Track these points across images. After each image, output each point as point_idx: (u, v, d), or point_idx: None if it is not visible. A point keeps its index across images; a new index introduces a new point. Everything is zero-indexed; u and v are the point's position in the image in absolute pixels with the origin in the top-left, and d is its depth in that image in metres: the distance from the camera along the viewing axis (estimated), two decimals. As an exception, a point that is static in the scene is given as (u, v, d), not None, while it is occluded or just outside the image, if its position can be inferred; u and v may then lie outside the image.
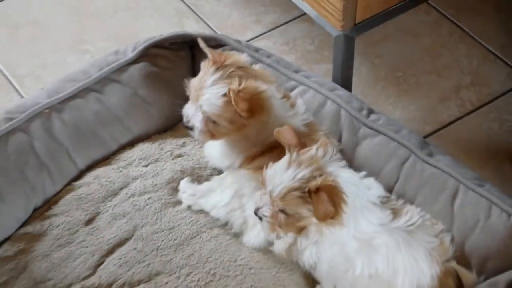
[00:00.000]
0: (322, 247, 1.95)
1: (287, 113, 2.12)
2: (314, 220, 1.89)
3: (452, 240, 2.03)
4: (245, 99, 1.99)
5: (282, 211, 1.90)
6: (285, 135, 1.94)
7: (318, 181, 1.83)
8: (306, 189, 1.84)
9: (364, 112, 2.25)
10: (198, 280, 2.02)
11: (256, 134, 2.10)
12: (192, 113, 2.12)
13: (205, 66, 2.09)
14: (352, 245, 1.93)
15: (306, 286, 2.05)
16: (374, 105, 2.29)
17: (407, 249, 1.93)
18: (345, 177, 1.90)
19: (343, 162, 1.96)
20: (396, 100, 2.92)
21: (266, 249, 2.09)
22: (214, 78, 2.05)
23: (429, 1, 3.20)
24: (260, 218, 1.95)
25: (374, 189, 2.00)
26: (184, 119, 2.14)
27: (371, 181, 2.03)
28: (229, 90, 2.00)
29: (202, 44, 2.12)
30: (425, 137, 2.70)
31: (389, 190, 2.15)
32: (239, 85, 2.00)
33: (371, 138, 2.21)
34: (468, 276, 1.98)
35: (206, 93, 2.05)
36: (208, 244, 2.09)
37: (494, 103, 2.90)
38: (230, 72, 2.05)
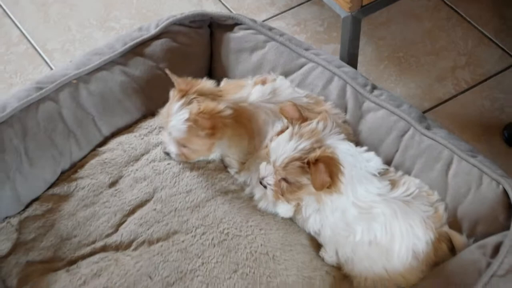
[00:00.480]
0: (324, 214, 1.94)
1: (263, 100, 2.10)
2: (313, 189, 1.87)
3: (446, 208, 2.02)
4: (206, 119, 1.98)
5: (284, 179, 1.88)
6: (288, 110, 1.93)
7: (317, 153, 1.81)
8: (306, 160, 1.82)
9: (368, 87, 2.23)
10: (212, 239, 2.00)
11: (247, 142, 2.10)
12: (166, 140, 2.12)
13: (173, 95, 2.08)
14: (352, 212, 1.91)
15: (311, 247, 2.04)
16: (377, 82, 2.28)
17: (404, 217, 1.92)
18: (343, 149, 1.88)
19: (342, 135, 1.93)
20: (397, 78, 2.92)
21: (275, 213, 2.08)
22: (179, 105, 2.03)
23: (429, -13, 3.19)
24: (265, 187, 1.94)
25: (373, 161, 1.98)
26: (162, 146, 2.16)
27: (371, 154, 2.00)
28: (189, 113, 1.99)
29: (169, 73, 2.10)
30: (423, 112, 2.65)
31: (390, 159, 2.14)
32: (198, 108, 1.99)
33: (374, 111, 2.19)
34: (459, 239, 1.97)
35: (172, 119, 2.04)
36: (222, 206, 2.08)
37: (487, 83, 2.90)
38: (193, 99, 2.03)
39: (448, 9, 3.14)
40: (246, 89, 2.11)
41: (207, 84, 2.10)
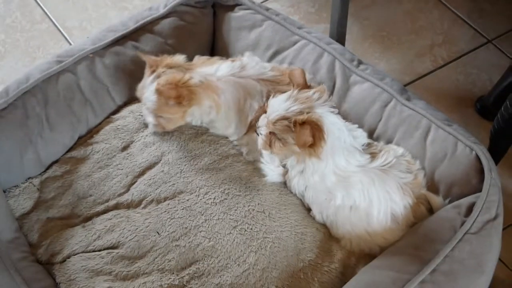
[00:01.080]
0: (306, 175, 1.92)
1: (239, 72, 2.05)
2: (295, 148, 1.86)
3: (425, 175, 1.98)
4: (171, 89, 1.94)
5: (273, 133, 1.86)
6: (295, 75, 1.91)
7: (305, 117, 1.80)
8: (292, 120, 1.81)
9: (355, 63, 2.19)
10: (214, 198, 1.98)
11: (226, 110, 2.05)
12: (144, 112, 2.09)
13: (146, 71, 2.04)
14: (330, 178, 1.88)
15: (302, 206, 2.01)
16: (362, 58, 2.25)
17: (381, 184, 1.88)
18: (330, 120, 1.85)
19: (335, 110, 1.89)
20: (381, 55, 2.89)
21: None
22: (150, 79, 2.00)
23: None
24: (258, 134, 1.92)
25: (359, 138, 1.95)
26: (142, 118, 2.12)
27: (359, 131, 1.97)
28: (157, 85, 1.96)
29: (139, 54, 2.07)
30: (404, 85, 2.62)
31: (374, 128, 2.11)
32: (165, 80, 1.96)
33: (360, 84, 2.15)
34: (436, 200, 1.95)
35: (145, 92, 2.01)
36: (224, 169, 2.05)
37: (461, 59, 2.88)
38: (162, 72, 2.00)
39: (426, -8, 3.11)
40: (215, 65, 2.06)
41: (177, 59, 2.06)
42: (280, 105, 1.85)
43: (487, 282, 1.83)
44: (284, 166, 2.00)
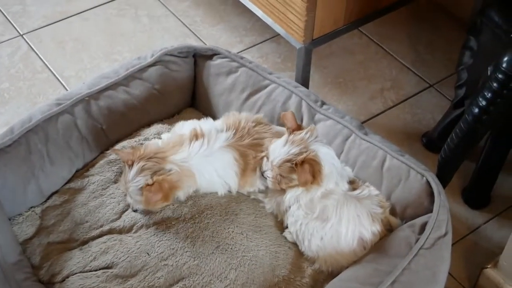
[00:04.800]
0: (301, 195, 1.89)
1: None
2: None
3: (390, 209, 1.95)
4: (156, 192, 1.82)
5: (279, 174, 1.87)
6: (288, 119, 1.92)
7: (303, 156, 1.82)
8: (294, 162, 1.82)
9: (319, 103, 2.17)
10: (199, 222, 1.93)
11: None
12: (130, 201, 1.93)
13: (123, 166, 1.91)
14: (317, 194, 1.87)
15: (276, 228, 1.96)
16: (324, 100, 2.23)
17: (353, 207, 1.86)
18: (323, 151, 1.87)
19: (325, 142, 1.93)
20: (338, 98, 2.88)
21: (249, 199, 2.02)
22: (132, 174, 1.86)
23: (361, 30, 3.16)
24: (265, 177, 1.93)
25: (346, 168, 1.99)
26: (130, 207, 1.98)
27: (346, 168, 2.00)
28: (142, 187, 1.84)
29: (114, 150, 1.99)
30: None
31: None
32: (147, 182, 1.83)
33: (323, 121, 2.12)
34: (395, 221, 1.92)
35: (130, 187, 1.88)
36: (205, 197, 1.99)
37: (407, 101, 2.88)
38: (143, 166, 1.85)
39: (375, 45, 3.11)
40: (185, 148, 1.91)
41: (149, 147, 1.91)
42: (280, 150, 1.86)
43: (440, 292, 1.81)
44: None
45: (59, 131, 2.07)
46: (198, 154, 1.92)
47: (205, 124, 2.01)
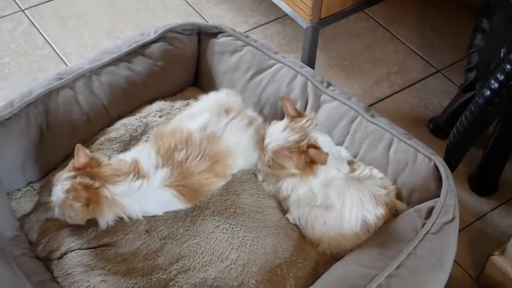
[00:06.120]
0: (297, 185, 1.87)
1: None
2: (291, 171, 1.84)
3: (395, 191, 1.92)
4: (82, 197, 1.75)
5: (271, 159, 1.84)
6: (287, 106, 1.89)
7: (305, 142, 1.81)
8: (296, 148, 1.81)
9: (324, 84, 2.12)
10: (199, 201, 1.89)
11: None
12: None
13: (69, 164, 1.83)
14: (317, 186, 1.84)
15: (279, 209, 1.93)
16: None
17: (355, 191, 1.82)
18: (322, 140, 1.85)
19: (324, 132, 1.92)
20: (344, 81, 2.84)
21: (252, 179, 1.98)
22: (64, 177, 1.79)
23: (367, 12, 3.12)
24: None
25: (343, 152, 1.97)
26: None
27: (342, 148, 1.98)
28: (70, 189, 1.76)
29: (78, 147, 1.83)
30: (365, 107, 2.63)
31: (342, 141, 2.03)
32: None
33: (329, 102, 2.08)
34: (400, 205, 1.88)
35: (58, 184, 1.80)
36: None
37: (414, 86, 2.84)
38: (79, 176, 1.78)
39: (383, 29, 3.07)
40: (127, 182, 1.81)
41: (103, 169, 1.82)
42: (278, 135, 1.84)
43: (445, 277, 1.78)
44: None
45: (60, 106, 2.03)
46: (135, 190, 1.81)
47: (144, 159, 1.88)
